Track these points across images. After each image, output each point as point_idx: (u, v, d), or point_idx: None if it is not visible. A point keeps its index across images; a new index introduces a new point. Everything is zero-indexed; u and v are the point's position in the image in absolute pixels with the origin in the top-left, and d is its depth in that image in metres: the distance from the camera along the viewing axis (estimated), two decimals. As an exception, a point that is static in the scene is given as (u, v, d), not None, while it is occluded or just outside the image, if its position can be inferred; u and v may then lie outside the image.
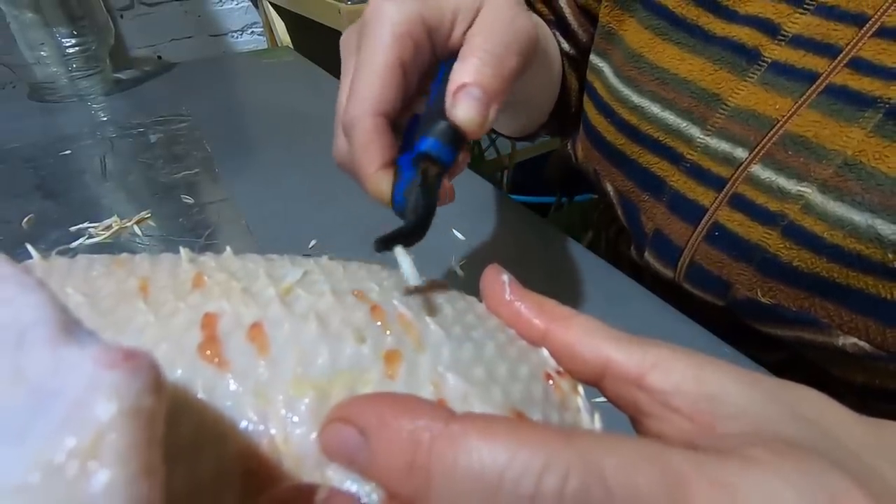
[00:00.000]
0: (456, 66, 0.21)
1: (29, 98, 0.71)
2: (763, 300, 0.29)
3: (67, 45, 0.68)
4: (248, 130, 0.63)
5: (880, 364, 0.28)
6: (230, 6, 1.11)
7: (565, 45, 0.41)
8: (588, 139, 0.39)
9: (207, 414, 0.13)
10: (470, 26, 0.22)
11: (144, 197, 0.48)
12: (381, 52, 0.21)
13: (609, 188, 0.38)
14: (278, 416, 0.14)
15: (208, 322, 0.15)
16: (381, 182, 0.21)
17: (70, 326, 0.09)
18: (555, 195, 1.00)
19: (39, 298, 0.09)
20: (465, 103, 0.20)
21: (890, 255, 0.24)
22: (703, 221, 0.30)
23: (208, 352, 0.14)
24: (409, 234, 0.20)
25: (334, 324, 0.16)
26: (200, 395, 0.14)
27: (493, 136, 1.19)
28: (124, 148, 0.57)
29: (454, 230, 0.42)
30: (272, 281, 0.17)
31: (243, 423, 0.14)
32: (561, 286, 0.37)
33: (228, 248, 0.18)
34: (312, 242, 0.40)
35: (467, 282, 0.37)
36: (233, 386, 0.14)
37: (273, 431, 0.14)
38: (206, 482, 0.12)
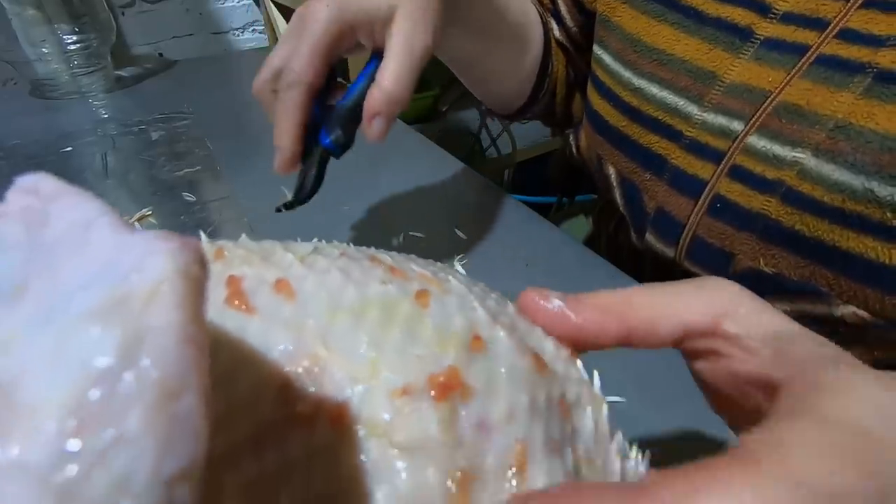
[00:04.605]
0: (372, 92, 0.28)
1: (30, 95, 0.71)
2: (765, 269, 0.30)
3: (69, 42, 0.68)
4: (249, 128, 0.63)
5: (878, 334, 0.28)
6: (232, 4, 1.11)
7: (557, 33, 0.44)
8: (591, 125, 0.40)
9: (239, 349, 0.14)
10: (387, 24, 0.29)
11: (146, 195, 0.48)
12: (314, 48, 0.28)
13: (611, 171, 0.39)
14: (313, 335, 0.14)
15: (232, 281, 0.15)
16: (287, 139, 0.29)
17: (125, 223, 0.11)
18: (556, 195, 1.00)
19: (99, 203, 0.11)
20: (376, 127, 0.29)
21: (889, 214, 0.24)
22: (703, 194, 0.31)
23: (235, 301, 0.15)
24: (304, 200, 0.32)
25: (356, 274, 0.17)
26: (231, 336, 0.14)
27: (499, 130, 1.19)
28: (126, 145, 0.57)
29: (456, 229, 0.42)
30: (289, 251, 0.18)
31: (277, 349, 0.14)
32: (562, 285, 0.37)
33: (244, 235, 0.19)
34: (314, 241, 0.40)
35: (468, 281, 0.37)
36: (262, 325, 0.14)
37: (309, 346, 0.14)
38: (241, 401, 0.13)
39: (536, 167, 1.19)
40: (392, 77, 0.28)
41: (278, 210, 0.32)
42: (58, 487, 0.08)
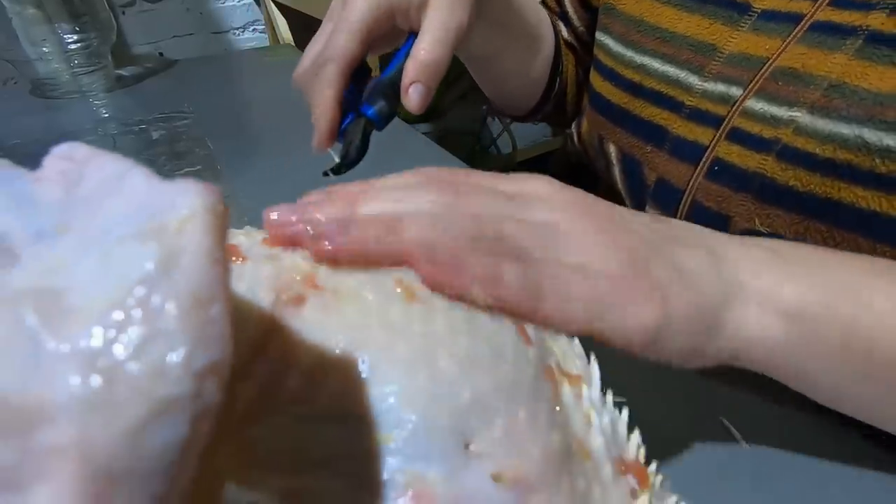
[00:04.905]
0: (408, 62, 0.30)
1: (31, 94, 0.71)
2: (761, 229, 0.31)
3: (69, 41, 0.68)
4: (250, 128, 0.63)
5: None
6: (232, 3, 1.11)
7: (566, 34, 0.47)
8: (593, 107, 0.42)
9: (233, 293, 0.16)
10: (423, 7, 0.31)
11: (146, 194, 0.48)
12: (354, 27, 0.30)
13: (612, 150, 0.40)
14: (289, 252, 0.18)
15: (231, 247, 0.18)
16: (324, 114, 0.30)
17: (155, 174, 0.12)
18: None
19: (129, 161, 0.12)
20: (413, 96, 0.30)
21: (877, 161, 0.25)
22: (703, 159, 0.32)
23: (232, 257, 0.17)
24: (350, 165, 0.31)
25: None
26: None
27: (499, 130, 1.19)
28: (126, 145, 0.57)
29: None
30: None
31: (264, 275, 0.17)
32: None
33: (248, 227, 0.21)
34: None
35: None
36: (253, 265, 0.17)
37: (286, 258, 0.17)
38: (241, 323, 0.15)
39: (536, 167, 1.19)
40: (427, 47, 0.30)
41: (325, 174, 0.32)
42: (104, 369, 0.09)
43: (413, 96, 0.30)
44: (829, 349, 0.21)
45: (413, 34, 0.31)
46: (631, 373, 0.28)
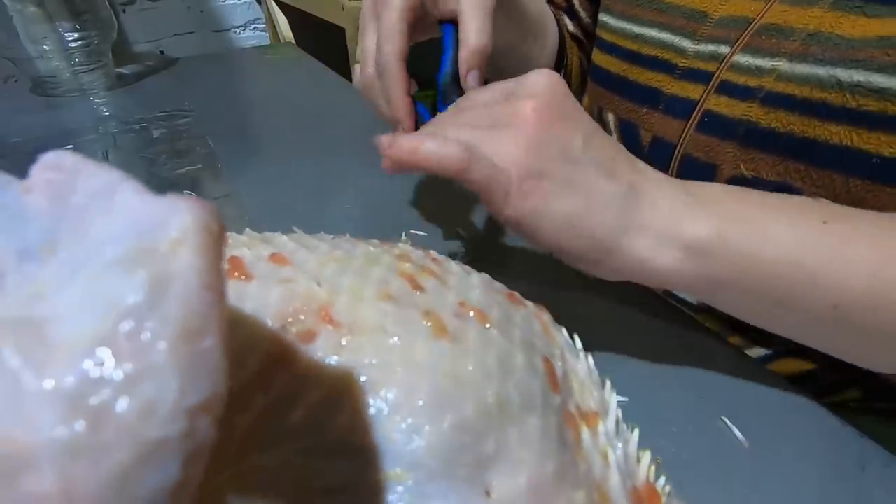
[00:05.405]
0: (461, 52, 0.32)
1: (31, 92, 0.71)
2: (746, 174, 0.34)
3: (70, 39, 0.68)
4: (250, 126, 0.63)
5: None
6: (233, 2, 1.11)
7: (571, 27, 0.50)
8: (594, 81, 0.45)
9: (239, 307, 0.16)
10: None
11: (147, 192, 0.48)
12: (396, 22, 0.32)
13: (610, 118, 0.43)
14: (306, 279, 0.17)
15: (233, 259, 0.17)
16: (404, 108, 0.33)
17: (146, 188, 0.11)
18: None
19: (119, 172, 0.11)
20: (472, 82, 0.32)
21: (848, 97, 0.28)
22: (694, 113, 0.35)
23: (235, 273, 0.17)
24: None
25: (346, 245, 0.19)
26: (232, 303, 0.15)
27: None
28: (127, 143, 0.57)
29: (458, 228, 0.42)
30: (287, 237, 0.20)
31: (273, 298, 0.16)
32: (565, 280, 0.37)
33: (248, 229, 0.21)
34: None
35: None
36: (259, 285, 0.16)
37: (303, 286, 0.17)
38: (243, 346, 0.15)
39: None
40: (474, 34, 0.32)
41: None
42: (89, 410, 0.08)
43: (472, 82, 0.33)
44: (727, 281, 0.24)
45: (446, 24, 0.34)
46: (631, 372, 0.28)
